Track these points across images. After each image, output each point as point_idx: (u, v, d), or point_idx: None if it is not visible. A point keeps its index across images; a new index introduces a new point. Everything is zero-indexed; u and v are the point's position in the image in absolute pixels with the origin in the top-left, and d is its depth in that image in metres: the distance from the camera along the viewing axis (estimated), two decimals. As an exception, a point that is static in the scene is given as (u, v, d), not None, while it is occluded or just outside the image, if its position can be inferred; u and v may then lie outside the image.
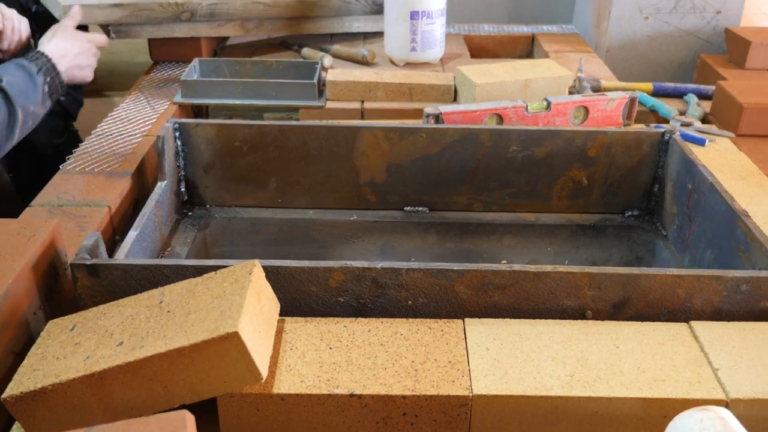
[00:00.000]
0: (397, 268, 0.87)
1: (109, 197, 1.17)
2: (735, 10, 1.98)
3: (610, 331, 0.86)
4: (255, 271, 0.80)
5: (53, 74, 1.34)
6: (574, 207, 1.35)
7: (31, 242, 0.88)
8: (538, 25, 2.24)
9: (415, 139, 1.28)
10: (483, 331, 0.85)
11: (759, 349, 0.83)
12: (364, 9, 1.97)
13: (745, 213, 1.02)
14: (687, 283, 0.89)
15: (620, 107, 1.45)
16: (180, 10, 1.67)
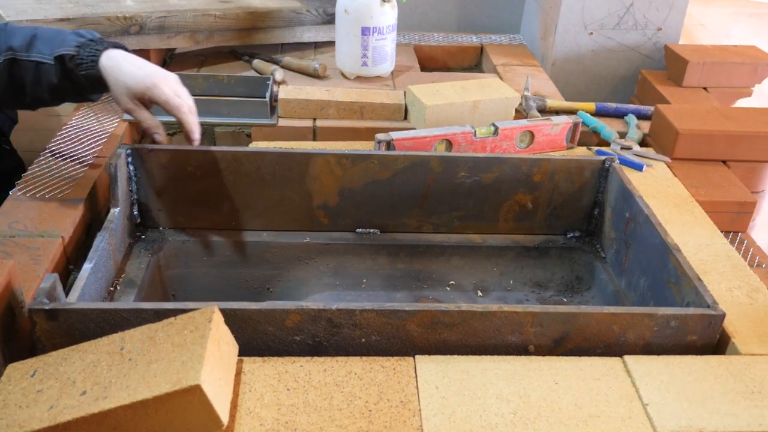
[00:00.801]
0: (351, 309, 0.91)
1: (61, 226, 1.17)
2: (674, 27, 2.06)
3: (551, 366, 0.91)
4: (214, 318, 0.83)
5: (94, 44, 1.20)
6: (519, 229, 1.41)
7: (-12, 285, 0.89)
8: (487, 35, 2.29)
9: (367, 164, 1.32)
10: (432, 369, 0.90)
11: (685, 383, 0.89)
12: (315, 19, 1.99)
13: (676, 248, 1.09)
14: (621, 320, 0.95)
15: (564, 131, 1.50)
16: (129, 24, 1.67)
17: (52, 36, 1.21)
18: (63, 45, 1.19)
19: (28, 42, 1.19)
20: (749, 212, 1.39)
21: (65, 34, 1.23)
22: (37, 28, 1.23)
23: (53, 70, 1.20)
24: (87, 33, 1.24)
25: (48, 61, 1.19)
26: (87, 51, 1.19)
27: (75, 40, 1.20)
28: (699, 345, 0.97)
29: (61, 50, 1.19)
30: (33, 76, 1.21)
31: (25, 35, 1.21)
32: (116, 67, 1.17)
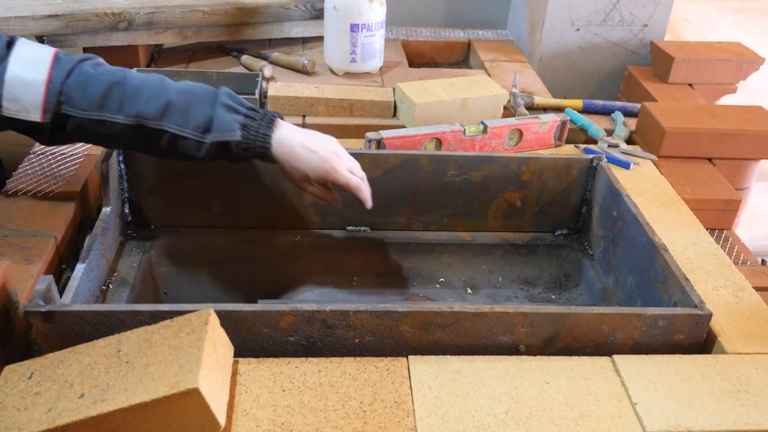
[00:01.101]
0: (345, 311, 0.92)
1: (54, 226, 1.18)
2: (660, 23, 2.08)
3: (541, 366, 0.93)
4: (210, 321, 0.84)
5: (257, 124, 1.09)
6: (508, 226, 1.42)
7: (-17, 288, 0.89)
8: (474, 30, 2.30)
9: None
10: (426, 369, 0.91)
11: (673, 382, 0.91)
12: (303, 15, 1.99)
13: (663, 247, 1.10)
14: (610, 320, 0.96)
15: (552, 129, 1.52)
16: (117, 20, 1.66)
17: (191, 101, 1.07)
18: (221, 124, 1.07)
19: (161, 111, 1.06)
20: (734, 210, 1.41)
21: (206, 97, 1.09)
22: (165, 87, 1.08)
23: (198, 146, 1.08)
24: (230, 98, 1.11)
25: (192, 137, 1.07)
26: (253, 134, 1.09)
27: (234, 120, 1.08)
28: (686, 344, 0.99)
29: (221, 136, 1.07)
30: (168, 143, 1.09)
31: (155, 100, 1.06)
32: (290, 154, 1.10)
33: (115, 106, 1.06)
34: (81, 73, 1.06)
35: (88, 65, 1.08)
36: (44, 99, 1.04)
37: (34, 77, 1.04)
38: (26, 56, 1.05)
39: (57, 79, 1.05)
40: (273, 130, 1.10)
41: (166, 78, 1.10)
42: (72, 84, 1.05)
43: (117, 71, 1.09)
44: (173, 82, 1.10)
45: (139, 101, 1.06)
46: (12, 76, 1.03)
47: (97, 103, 1.06)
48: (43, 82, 1.04)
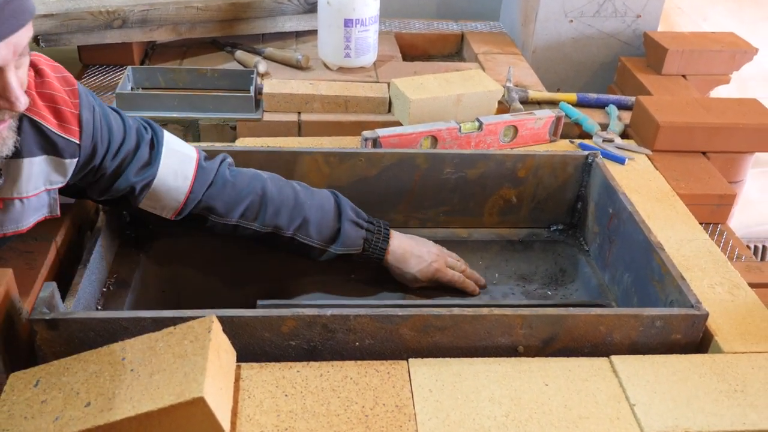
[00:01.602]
0: (345, 315, 0.93)
1: (54, 229, 1.18)
2: (653, 14, 2.08)
3: (540, 368, 0.94)
4: (213, 328, 0.85)
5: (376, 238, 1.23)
6: (503, 223, 1.43)
7: (-13, 296, 0.90)
8: (467, 22, 2.30)
9: (354, 162, 1.34)
10: (426, 372, 0.92)
11: (670, 382, 0.92)
12: (297, 9, 1.99)
13: (660, 246, 1.12)
14: (608, 321, 0.98)
15: (547, 125, 1.53)
16: (111, 18, 1.66)
17: (322, 217, 1.20)
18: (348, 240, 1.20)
19: (297, 226, 1.19)
20: (729, 204, 1.43)
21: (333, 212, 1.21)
22: (300, 203, 1.19)
23: (321, 253, 1.22)
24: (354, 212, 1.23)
25: (318, 246, 1.21)
26: (371, 247, 1.23)
27: (359, 236, 1.21)
28: (683, 344, 1.00)
29: (347, 250, 1.21)
30: (294, 247, 1.22)
31: (295, 217, 1.18)
32: (402, 261, 1.24)
33: (252, 216, 1.18)
34: (221, 182, 1.16)
35: (227, 172, 1.18)
36: (182, 205, 1.14)
37: (177, 186, 1.12)
38: (173, 164, 1.12)
39: (198, 190, 1.14)
40: (389, 244, 1.24)
41: (297, 188, 1.21)
42: (212, 194, 1.15)
43: (254, 181, 1.19)
44: (302, 191, 1.21)
45: (280, 216, 1.18)
46: (158, 183, 1.11)
47: (234, 212, 1.17)
48: (185, 192, 1.13)
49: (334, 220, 1.21)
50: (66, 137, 1.00)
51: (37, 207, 1.03)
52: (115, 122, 1.09)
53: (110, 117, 1.09)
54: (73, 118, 1.01)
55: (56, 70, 1.01)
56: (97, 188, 1.11)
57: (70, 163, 1.02)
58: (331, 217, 1.21)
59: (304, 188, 1.23)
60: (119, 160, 1.09)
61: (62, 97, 0.99)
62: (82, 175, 1.07)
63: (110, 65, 1.82)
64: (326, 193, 1.24)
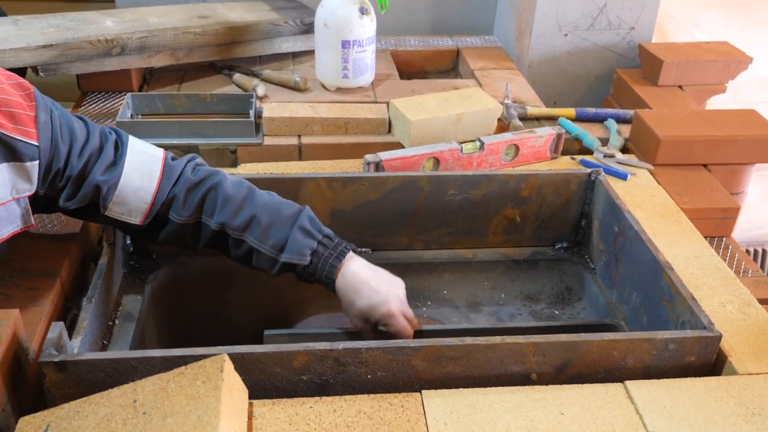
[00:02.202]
0: (357, 348, 0.93)
1: (58, 264, 1.17)
2: (647, 26, 2.09)
3: (555, 396, 0.93)
4: (225, 368, 0.84)
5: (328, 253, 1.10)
6: (508, 242, 1.43)
7: (-5, 339, 0.89)
8: (462, 37, 2.30)
9: (357, 186, 1.33)
10: (440, 404, 0.92)
11: (687, 407, 0.92)
12: (293, 30, 1.99)
13: (668, 265, 1.11)
14: (621, 346, 0.97)
15: (548, 143, 1.52)
16: (110, 46, 1.65)
17: (274, 220, 1.11)
18: (293, 246, 1.09)
19: (245, 223, 1.10)
20: (733, 217, 1.42)
21: (288, 218, 1.11)
22: (253, 200, 1.12)
23: (272, 263, 1.12)
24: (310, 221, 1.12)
25: (267, 253, 1.11)
26: (321, 262, 1.10)
27: (307, 245, 1.10)
28: (697, 365, 1.00)
29: (291, 258, 1.09)
30: (244, 253, 1.13)
31: (242, 213, 1.10)
32: (353, 290, 1.10)
33: (208, 210, 1.12)
34: (184, 180, 1.12)
35: (190, 170, 1.13)
36: (150, 206, 1.10)
37: (144, 186, 1.09)
38: (138, 163, 1.09)
39: (164, 189, 1.10)
40: (342, 263, 1.10)
41: (255, 189, 1.14)
42: (176, 192, 1.11)
43: (213, 176, 1.13)
44: (262, 194, 1.14)
45: (228, 210, 1.11)
46: (124, 183, 1.08)
47: (195, 207, 1.12)
48: (152, 192, 1.10)
49: (287, 225, 1.10)
50: (23, 140, 0.98)
51: (7, 218, 1.02)
52: (77, 123, 1.08)
53: (71, 119, 1.08)
54: (30, 121, 0.99)
55: (10, 78, 1.01)
56: (65, 195, 1.08)
57: (31, 167, 1.00)
58: (283, 222, 1.11)
59: (268, 193, 1.16)
60: (84, 159, 1.06)
61: (17, 101, 0.98)
62: (49, 181, 1.05)
63: (109, 92, 1.81)
64: (291, 203, 1.15)
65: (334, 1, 1.74)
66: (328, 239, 1.12)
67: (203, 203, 1.12)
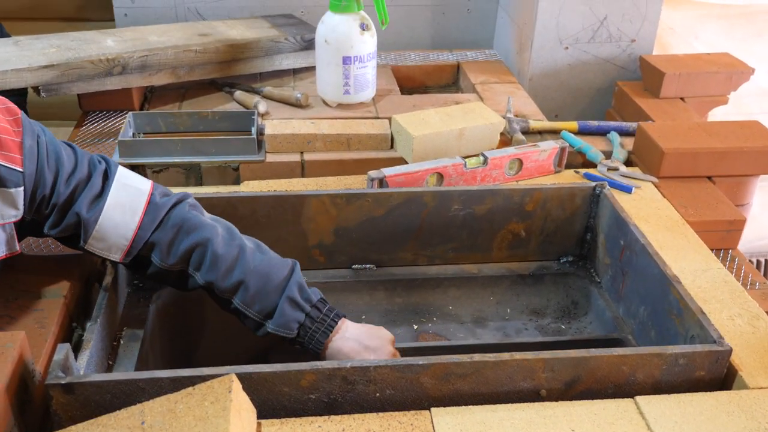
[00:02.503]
0: (365, 366, 0.92)
1: (62, 284, 1.16)
2: (648, 38, 2.09)
3: (565, 412, 0.93)
4: (234, 388, 0.83)
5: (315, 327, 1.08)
6: (513, 257, 1.43)
7: (1, 362, 0.88)
8: (462, 51, 2.30)
9: (361, 203, 1.33)
10: (449, 422, 0.91)
11: (698, 422, 0.91)
12: (293, 47, 1.99)
13: (676, 279, 1.11)
14: (631, 361, 0.96)
15: (551, 156, 1.52)
16: (111, 65, 1.65)
17: (263, 286, 1.07)
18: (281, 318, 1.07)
19: (233, 287, 1.08)
20: (739, 229, 1.42)
21: (277, 286, 1.08)
22: (244, 263, 1.08)
23: (258, 326, 1.10)
24: (299, 290, 1.09)
25: (254, 317, 1.09)
26: (308, 336, 1.08)
27: (295, 319, 1.07)
28: (707, 380, 0.99)
29: (278, 330, 1.08)
30: (233, 311, 1.11)
31: (230, 276, 1.08)
32: (336, 355, 1.08)
33: (195, 264, 1.09)
34: (171, 224, 1.09)
35: (179, 214, 1.10)
36: (129, 245, 1.08)
37: (126, 222, 1.07)
38: (123, 198, 1.07)
39: (147, 228, 1.08)
40: (329, 338, 1.08)
41: (246, 248, 1.10)
42: (160, 237, 1.08)
43: (204, 229, 1.09)
44: (253, 254, 1.10)
45: (216, 271, 1.08)
46: (105, 218, 1.06)
47: (180, 258, 1.09)
48: (133, 228, 1.07)
49: (276, 293, 1.08)
50: (8, 165, 0.96)
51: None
52: (65, 151, 1.06)
53: (59, 146, 1.06)
54: (15, 146, 0.98)
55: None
56: (50, 222, 1.07)
57: (16, 193, 0.99)
58: (273, 289, 1.08)
59: (259, 250, 1.12)
60: (71, 188, 1.05)
61: (4, 127, 0.97)
62: (35, 207, 1.04)
63: (110, 111, 1.81)
64: (282, 262, 1.12)
65: (334, 18, 1.74)
66: (316, 310, 1.09)
67: (190, 256, 1.09)
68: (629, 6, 2.03)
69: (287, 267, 1.11)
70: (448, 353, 0.95)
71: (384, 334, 1.12)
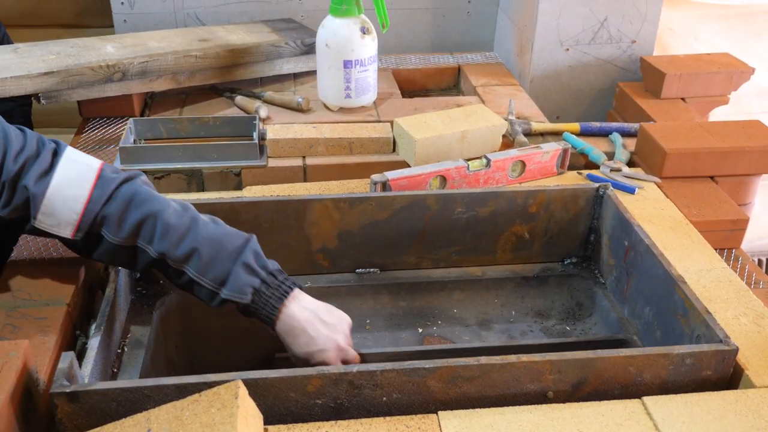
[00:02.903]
0: (372, 371, 0.92)
1: (65, 291, 1.16)
2: (648, 39, 2.09)
3: (572, 414, 0.92)
4: (240, 394, 0.83)
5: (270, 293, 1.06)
6: (517, 259, 1.42)
7: (5, 371, 0.88)
8: (463, 54, 2.30)
9: (364, 207, 1.32)
10: (457, 425, 0.90)
11: (706, 422, 0.91)
12: (294, 51, 1.99)
13: (681, 279, 1.10)
14: (638, 361, 0.96)
15: (554, 158, 1.52)
16: (112, 72, 1.65)
17: (216, 253, 1.05)
18: (235, 283, 1.05)
19: (186, 255, 1.05)
20: (742, 229, 1.42)
21: (231, 252, 1.06)
22: (196, 231, 1.06)
23: (212, 296, 1.08)
24: (254, 256, 1.07)
25: (208, 286, 1.07)
26: (262, 302, 1.06)
27: (249, 283, 1.05)
28: (714, 379, 0.99)
29: (231, 295, 1.06)
30: (186, 283, 1.09)
31: (183, 244, 1.05)
32: (290, 335, 1.07)
33: (147, 236, 1.07)
34: (121, 198, 1.06)
35: (130, 188, 1.08)
36: (80, 219, 1.05)
37: (74, 195, 1.05)
38: (71, 172, 1.05)
39: (97, 201, 1.05)
40: (284, 304, 1.06)
41: (199, 219, 1.09)
42: (111, 210, 1.06)
43: (156, 201, 1.08)
44: (206, 223, 1.09)
45: (168, 241, 1.05)
46: (53, 192, 1.04)
47: (132, 231, 1.06)
48: (82, 203, 1.05)
49: (230, 260, 1.05)
50: None
51: None
52: (13, 132, 1.05)
53: (7, 126, 1.05)
54: None
55: None
56: (1, 202, 1.05)
57: None
58: (227, 256, 1.05)
59: (213, 222, 1.10)
60: (20, 164, 1.03)
61: None
62: None
63: (111, 117, 1.81)
64: (237, 233, 1.10)
65: (335, 22, 1.74)
66: (271, 277, 1.07)
67: (141, 228, 1.07)
68: (629, 7, 2.03)
69: (242, 237, 1.09)
70: (454, 356, 0.95)
71: (343, 315, 1.10)
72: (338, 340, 1.08)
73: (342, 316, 1.12)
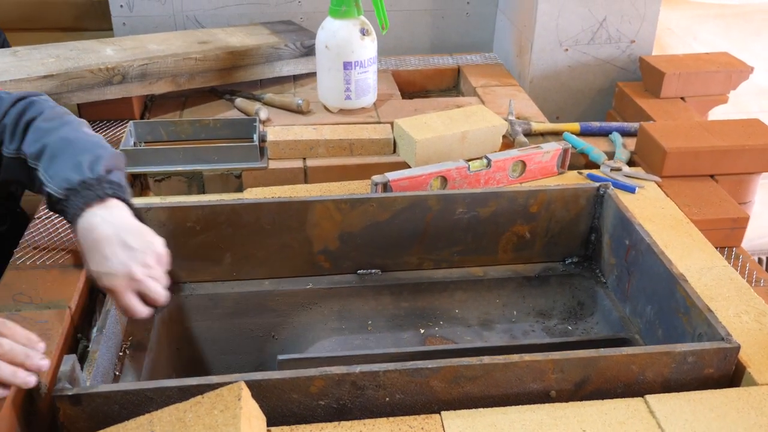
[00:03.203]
0: (375, 371, 0.92)
1: (66, 295, 1.16)
2: (647, 39, 2.09)
3: (575, 413, 0.92)
4: (243, 395, 0.83)
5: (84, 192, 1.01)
6: (518, 259, 1.42)
7: (8, 374, 0.88)
8: (462, 55, 2.30)
9: (365, 208, 1.33)
10: (460, 425, 0.90)
11: (709, 420, 0.91)
12: (294, 53, 1.99)
13: (683, 278, 1.10)
14: (640, 360, 0.96)
15: (554, 158, 1.52)
16: (111, 75, 1.65)
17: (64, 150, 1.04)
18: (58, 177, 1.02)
19: (37, 152, 1.05)
20: (742, 227, 1.42)
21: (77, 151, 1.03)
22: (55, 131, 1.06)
23: (49, 197, 1.06)
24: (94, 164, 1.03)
25: (42, 179, 1.05)
26: (71, 202, 1.00)
27: (69, 179, 1.01)
28: (716, 377, 0.99)
29: (50, 188, 1.03)
30: (38, 188, 1.09)
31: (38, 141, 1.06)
32: (86, 247, 1.00)
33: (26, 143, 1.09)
34: (17, 110, 1.11)
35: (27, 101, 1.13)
36: None
37: None
38: None
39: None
40: (89, 208, 0.99)
41: (72, 124, 1.10)
42: (6, 121, 1.10)
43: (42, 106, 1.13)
44: (76, 129, 1.09)
45: (26, 138, 1.07)
46: None
47: (20, 138, 1.09)
48: None
49: (69, 159, 1.02)
50: None
51: None
52: None
53: None
54: None
55: None
56: None
57: None
58: (69, 155, 1.02)
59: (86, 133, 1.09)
60: None
61: None
62: None
63: (111, 120, 1.81)
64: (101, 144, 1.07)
65: (334, 23, 1.74)
66: (96, 180, 1.00)
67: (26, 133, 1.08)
68: (628, 7, 2.04)
69: (100, 146, 1.06)
70: (457, 356, 0.95)
71: (152, 243, 1.02)
72: (132, 268, 0.98)
73: (151, 242, 1.01)
